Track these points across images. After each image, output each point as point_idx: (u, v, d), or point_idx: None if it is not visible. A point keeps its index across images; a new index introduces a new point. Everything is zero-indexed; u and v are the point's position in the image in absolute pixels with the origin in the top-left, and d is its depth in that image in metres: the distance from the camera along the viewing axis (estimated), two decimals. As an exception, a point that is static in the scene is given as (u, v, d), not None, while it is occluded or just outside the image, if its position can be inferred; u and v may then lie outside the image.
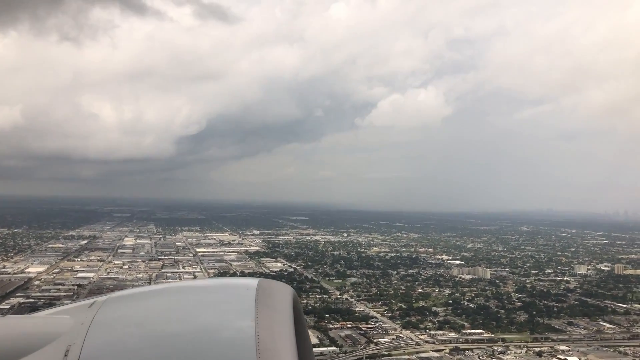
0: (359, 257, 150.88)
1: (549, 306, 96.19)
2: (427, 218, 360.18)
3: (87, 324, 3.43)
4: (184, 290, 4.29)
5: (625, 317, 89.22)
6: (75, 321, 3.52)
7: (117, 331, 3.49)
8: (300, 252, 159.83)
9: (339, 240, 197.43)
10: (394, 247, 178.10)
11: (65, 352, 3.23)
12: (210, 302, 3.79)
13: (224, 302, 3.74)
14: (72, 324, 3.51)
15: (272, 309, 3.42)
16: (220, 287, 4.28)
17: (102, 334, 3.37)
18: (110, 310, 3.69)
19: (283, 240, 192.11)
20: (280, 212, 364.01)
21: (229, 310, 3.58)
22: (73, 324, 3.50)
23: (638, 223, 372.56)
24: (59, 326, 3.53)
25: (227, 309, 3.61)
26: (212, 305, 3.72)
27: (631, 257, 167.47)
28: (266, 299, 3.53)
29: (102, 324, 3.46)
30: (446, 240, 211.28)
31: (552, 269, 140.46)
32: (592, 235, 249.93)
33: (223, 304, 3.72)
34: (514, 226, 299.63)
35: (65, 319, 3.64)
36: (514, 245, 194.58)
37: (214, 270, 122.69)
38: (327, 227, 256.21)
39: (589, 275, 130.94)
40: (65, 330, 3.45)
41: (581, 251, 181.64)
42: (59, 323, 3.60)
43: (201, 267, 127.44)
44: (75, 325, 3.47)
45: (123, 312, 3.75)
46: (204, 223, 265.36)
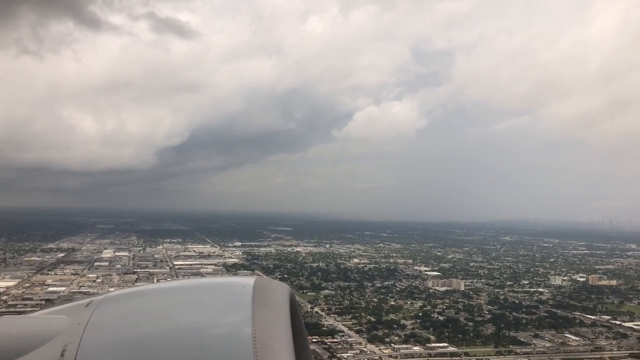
0: (337, 269, 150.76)
1: (518, 318, 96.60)
2: (412, 228, 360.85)
3: (84, 323, 3.42)
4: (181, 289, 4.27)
5: (591, 328, 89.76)
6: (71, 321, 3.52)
7: (114, 331, 3.47)
8: (279, 264, 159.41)
9: (320, 251, 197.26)
10: (374, 259, 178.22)
11: (62, 351, 3.20)
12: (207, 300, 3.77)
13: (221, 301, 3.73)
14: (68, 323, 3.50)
15: (269, 308, 3.41)
16: (217, 286, 4.25)
17: (98, 334, 3.35)
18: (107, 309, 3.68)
19: (264, 252, 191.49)
20: (266, 223, 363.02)
21: (226, 308, 3.58)
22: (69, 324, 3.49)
23: (621, 232, 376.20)
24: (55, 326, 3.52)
25: (224, 308, 3.61)
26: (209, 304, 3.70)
27: (608, 268, 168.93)
28: (263, 297, 3.52)
29: (99, 323, 3.45)
30: (427, 250, 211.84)
31: (528, 280, 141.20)
32: (573, 245, 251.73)
33: (220, 303, 3.71)
34: (498, 236, 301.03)
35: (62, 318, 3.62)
36: (494, 256, 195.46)
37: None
38: (311, 238, 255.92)
39: (563, 287, 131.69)
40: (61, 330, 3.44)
41: (560, 262, 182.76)
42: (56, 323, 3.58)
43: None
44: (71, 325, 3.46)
45: (119, 312, 3.73)
46: (187, 234, 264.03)
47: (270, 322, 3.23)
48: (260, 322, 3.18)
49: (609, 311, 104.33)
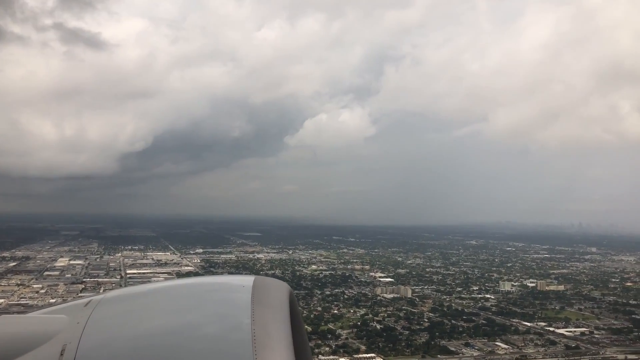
0: (292, 276, 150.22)
1: (455, 326, 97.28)
2: (383, 232, 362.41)
3: (83, 323, 3.43)
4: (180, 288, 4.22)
5: (523, 336, 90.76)
6: (71, 320, 3.52)
7: (113, 330, 3.47)
8: (235, 272, 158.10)
9: (281, 258, 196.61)
10: (333, 265, 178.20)
11: (61, 351, 3.22)
12: (207, 299, 3.73)
13: (220, 300, 3.69)
14: (67, 323, 3.50)
15: (268, 306, 3.40)
16: (216, 285, 4.21)
17: (97, 333, 3.37)
18: (106, 309, 3.65)
19: (224, 259, 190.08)
20: (236, 228, 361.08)
21: (225, 307, 3.54)
22: (69, 323, 3.49)
23: (587, 235, 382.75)
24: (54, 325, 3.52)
25: (223, 307, 3.57)
26: (208, 303, 3.67)
27: (562, 272, 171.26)
28: (262, 296, 3.50)
29: (98, 323, 3.46)
30: (389, 256, 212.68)
31: (479, 286, 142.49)
32: (536, 249, 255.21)
33: (219, 302, 3.67)
34: (465, 240, 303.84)
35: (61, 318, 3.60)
36: (453, 261, 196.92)
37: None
38: (277, 244, 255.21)
39: (511, 292, 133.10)
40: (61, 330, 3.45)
41: (517, 266, 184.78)
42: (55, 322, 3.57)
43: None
44: (71, 325, 3.46)
45: (119, 311, 3.71)
46: (151, 241, 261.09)
47: (269, 321, 3.22)
48: (259, 321, 3.18)
49: (547, 317, 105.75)
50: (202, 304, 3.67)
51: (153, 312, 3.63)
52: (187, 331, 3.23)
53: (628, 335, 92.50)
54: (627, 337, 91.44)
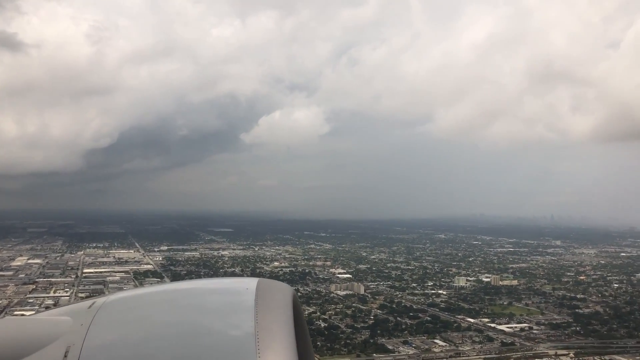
0: (252, 274, 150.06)
1: (399, 323, 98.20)
2: (356, 226, 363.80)
3: (87, 325, 3.43)
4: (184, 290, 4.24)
5: (463, 333, 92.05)
6: (74, 322, 3.53)
7: (117, 332, 3.49)
8: (195, 270, 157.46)
9: (246, 254, 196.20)
10: (295, 261, 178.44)
11: (65, 353, 3.23)
12: (210, 302, 3.77)
13: (224, 302, 3.71)
14: (71, 325, 3.52)
15: (272, 309, 3.40)
16: (220, 287, 4.24)
17: (101, 335, 3.38)
18: (110, 311, 3.67)
19: (187, 256, 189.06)
20: (210, 224, 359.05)
21: (229, 310, 3.56)
22: (72, 325, 3.50)
23: (557, 228, 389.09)
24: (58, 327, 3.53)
25: (227, 309, 3.59)
26: (212, 306, 3.69)
27: (520, 266, 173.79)
28: (266, 298, 3.50)
29: (102, 324, 3.46)
30: (355, 251, 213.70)
31: (435, 281, 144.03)
32: (502, 243, 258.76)
33: (223, 304, 3.69)
34: (434, 233, 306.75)
35: (65, 320, 3.62)
36: (417, 256, 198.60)
37: (84, 294, 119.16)
38: (246, 240, 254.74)
39: (464, 288, 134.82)
40: (64, 331, 3.46)
41: (478, 261, 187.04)
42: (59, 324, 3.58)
43: (74, 290, 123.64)
44: (74, 326, 3.47)
45: (122, 313, 3.73)
46: (119, 238, 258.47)
47: (273, 323, 3.23)
48: (263, 323, 3.19)
49: (493, 314, 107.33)
50: (206, 306, 3.70)
51: (156, 315, 3.64)
52: (191, 333, 3.24)
53: (565, 331, 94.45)
54: (563, 333, 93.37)
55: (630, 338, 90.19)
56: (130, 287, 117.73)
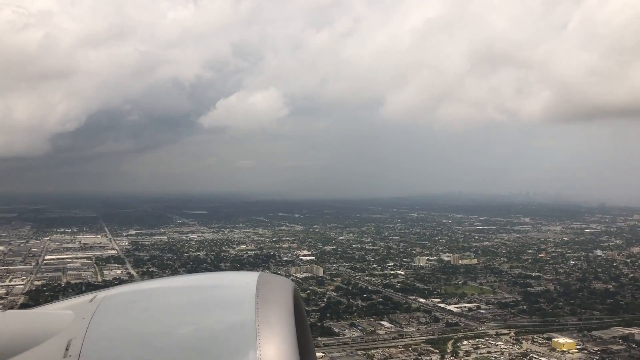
0: (216, 258, 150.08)
1: (350, 305, 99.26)
2: (332, 206, 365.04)
3: (88, 318, 3.48)
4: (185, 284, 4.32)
5: (410, 314, 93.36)
6: (76, 316, 3.58)
7: (118, 325, 3.54)
8: (159, 254, 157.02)
9: (214, 238, 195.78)
10: (263, 244, 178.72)
11: (67, 346, 3.28)
12: (211, 296, 3.82)
13: (225, 296, 3.76)
14: (73, 318, 3.57)
15: (272, 303, 3.43)
16: (220, 281, 4.28)
17: (102, 329, 3.43)
18: (111, 304, 3.72)
19: (155, 240, 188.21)
20: (185, 206, 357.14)
21: (230, 304, 3.60)
22: (74, 319, 3.55)
23: (530, 204, 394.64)
24: (60, 321, 3.58)
25: (227, 303, 3.64)
26: (213, 299, 3.75)
27: (484, 245, 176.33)
28: (267, 292, 3.54)
29: (103, 318, 3.51)
30: (325, 232, 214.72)
31: (398, 261, 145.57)
32: (473, 220, 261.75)
33: (224, 298, 3.74)
34: (408, 212, 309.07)
35: (66, 313, 3.67)
36: (384, 235, 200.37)
37: (40, 282, 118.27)
38: (218, 222, 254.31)
39: (424, 268, 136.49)
40: (66, 325, 3.50)
41: (444, 240, 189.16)
42: (60, 318, 3.63)
43: (31, 278, 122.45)
44: (76, 320, 3.52)
45: (124, 307, 3.77)
46: (89, 222, 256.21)
47: (273, 317, 3.27)
48: (263, 317, 3.24)
49: (445, 293, 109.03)
50: (207, 300, 3.74)
51: (157, 308, 3.68)
52: (192, 327, 3.31)
53: (512, 310, 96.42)
54: (510, 312, 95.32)
55: (572, 315, 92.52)
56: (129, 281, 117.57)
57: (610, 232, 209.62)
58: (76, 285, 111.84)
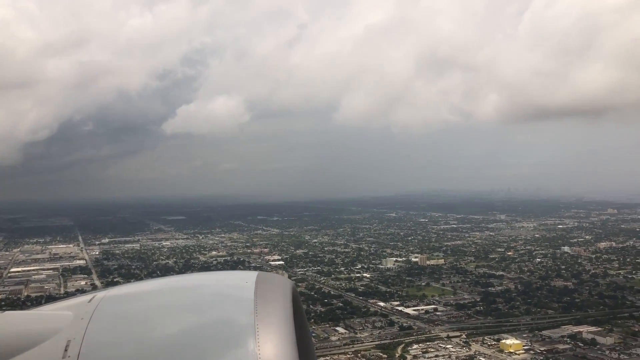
0: (185, 265, 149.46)
1: (309, 312, 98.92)
2: (313, 208, 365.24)
3: (87, 318, 3.48)
4: (183, 284, 4.32)
5: (367, 318, 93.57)
6: (75, 316, 3.57)
7: (117, 326, 3.53)
8: (128, 263, 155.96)
9: (187, 244, 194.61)
10: (236, 249, 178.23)
11: (65, 347, 3.30)
12: (210, 295, 3.83)
13: (224, 296, 3.78)
14: (71, 319, 3.56)
15: (271, 302, 3.44)
16: (219, 281, 4.27)
17: (101, 329, 3.43)
18: (110, 304, 3.72)
19: (127, 248, 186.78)
20: (164, 211, 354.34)
21: (229, 303, 3.63)
22: (73, 319, 3.55)
23: (509, 201, 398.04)
24: (58, 321, 3.57)
25: (226, 302, 3.66)
26: (212, 299, 3.75)
27: (456, 244, 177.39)
28: (265, 291, 3.54)
29: (102, 318, 3.50)
30: (300, 235, 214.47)
31: (367, 263, 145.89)
32: (449, 219, 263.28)
33: (222, 297, 3.76)
34: (387, 212, 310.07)
35: (65, 314, 3.66)
36: (359, 237, 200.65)
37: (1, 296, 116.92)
38: (195, 227, 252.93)
39: (390, 269, 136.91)
40: (65, 326, 3.50)
41: (417, 240, 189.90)
42: (59, 318, 3.62)
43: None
44: (75, 320, 3.52)
45: (122, 307, 3.77)
46: (65, 231, 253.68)
47: (272, 316, 3.28)
48: (262, 316, 3.25)
49: (406, 296, 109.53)
50: (206, 299, 3.74)
51: (156, 308, 3.68)
52: (191, 326, 3.31)
53: (468, 311, 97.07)
54: (466, 313, 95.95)
55: (527, 315, 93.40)
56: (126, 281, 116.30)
57: (582, 228, 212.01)
58: (36, 299, 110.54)
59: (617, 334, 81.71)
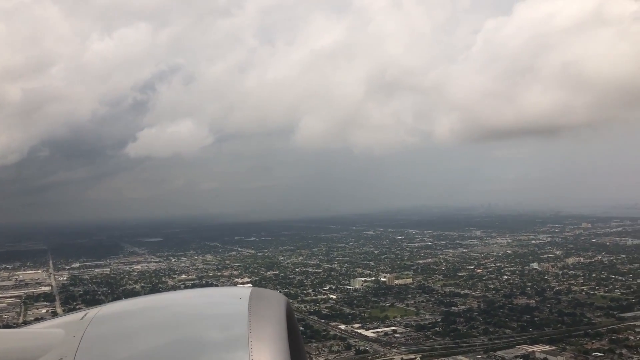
0: (152, 290, 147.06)
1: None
2: (293, 227, 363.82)
3: (79, 336, 3.41)
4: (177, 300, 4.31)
5: (324, 342, 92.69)
6: (66, 334, 3.51)
7: (109, 343, 3.48)
8: (95, 289, 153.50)
9: (158, 268, 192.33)
10: (206, 272, 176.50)
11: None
12: (203, 312, 3.80)
13: (217, 312, 3.77)
14: (63, 336, 3.50)
15: (265, 318, 3.41)
16: (213, 297, 4.31)
17: (94, 347, 3.40)
18: (102, 322, 3.67)
19: (97, 273, 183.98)
20: (142, 233, 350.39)
21: (223, 319, 3.59)
22: (64, 337, 3.49)
23: (490, 215, 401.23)
24: (50, 339, 3.53)
25: (220, 319, 3.62)
26: (205, 315, 3.72)
27: (427, 262, 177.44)
28: (260, 308, 3.52)
29: (94, 336, 3.45)
30: (274, 256, 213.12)
31: (336, 284, 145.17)
32: (425, 236, 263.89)
33: (216, 314, 3.74)
34: (366, 230, 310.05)
35: (57, 332, 3.61)
36: (333, 257, 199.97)
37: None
38: (170, 250, 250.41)
39: (358, 290, 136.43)
40: (57, 344, 3.44)
41: (390, 258, 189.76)
42: (51, 336, 3.57)
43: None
44: (66, 338, 3.45)
45: (115, 324, 3.73)
46: (36, 255, 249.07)
47: (266, 333, 3.26)
48: (256, 332, 3.23)
49: (369, 317, 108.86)
50: (199, 316, 3.73)
51: (149, 325, 3.63)
52: (184, 343, 3.28)
53: (427, 332, 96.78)
54: (425, 334, 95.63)
55: (484, 335, 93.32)
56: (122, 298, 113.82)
57: (554, 243, 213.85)
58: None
59: (570, 352, 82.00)
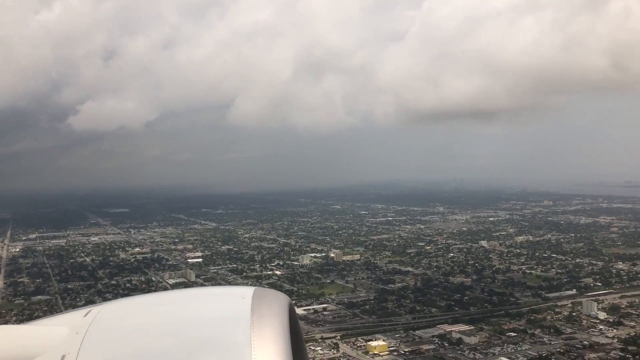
0: (100, 263, 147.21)
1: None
2: (263, 200, 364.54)
3: (82, 333, 3.45)
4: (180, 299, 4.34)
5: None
6: (70, 331, 3.57)
7: (112, 341, 3.53)
8: (43, 262, 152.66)
9: (116, 240, 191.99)
10: (162, 245, 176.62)
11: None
12: (206, 311, 3.84)
13: (220, 311, 3.78)
14: (67, 333, 3.56)
15: (268, 318, 3.45)
16: (216, 296, 4.32)
17: (97, 344, 3.46)
18: (106, 319, 3.72)
19: (52, 245, 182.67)
20: (110, 203, 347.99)
21: (225, 319, 3.62)
22: (68, 334, 3.54)
23: (459, 191, 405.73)
24: (53, 336, 3.57)
25: (223, 318, 3.65)
26: (208, 315, 3.76)
27: (381, 238, 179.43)
28: (262, 307, 3.56)
29: (97, 333, 3.50)
30: (234, 229, 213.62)
31: (286, 259, 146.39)
32: (389, 211, 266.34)
33: (219, 313, 3.76)
34: (334, 204, 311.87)
35: (60, 328, 3.65)
36: (292, 231, 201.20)
37: None
38: (133, 221, 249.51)
39: (304, 266, 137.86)
40: (60, 340, 3.48)
41: (347, 234, 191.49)
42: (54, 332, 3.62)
43: None
44: (70, 335, 3.51)
45: (118, 322, 3.78)
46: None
47: (269, 332, 3.32)
48: (258, 332, 3.30)
49: (306, 294, 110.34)
50: (202, 314, 3.77)
51: (152, 323, 3.70)
52: (187, 342, 3.34)
53: (356, 310, 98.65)
54: (353, 312, 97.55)
55: (410, 314, 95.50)
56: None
57: (511, 220, 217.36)
58: None
59: (486, 332, 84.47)
